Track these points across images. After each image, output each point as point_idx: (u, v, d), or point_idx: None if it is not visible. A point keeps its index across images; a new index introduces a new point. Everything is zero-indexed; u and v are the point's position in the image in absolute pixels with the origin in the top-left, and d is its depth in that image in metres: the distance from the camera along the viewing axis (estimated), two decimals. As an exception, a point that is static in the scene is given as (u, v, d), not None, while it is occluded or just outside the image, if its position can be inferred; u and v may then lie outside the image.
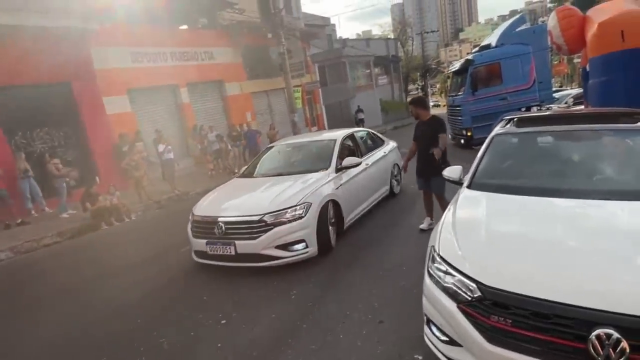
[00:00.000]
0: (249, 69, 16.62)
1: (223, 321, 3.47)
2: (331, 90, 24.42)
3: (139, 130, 11.29)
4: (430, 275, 2.25)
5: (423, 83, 38.03)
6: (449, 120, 12.23)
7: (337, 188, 4.95)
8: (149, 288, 4.50)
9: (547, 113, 4.11)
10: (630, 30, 5.68)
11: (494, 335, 1.85)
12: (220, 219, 4.37)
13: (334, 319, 3.23)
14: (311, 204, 4.41)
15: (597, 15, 6.35)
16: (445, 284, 2.10)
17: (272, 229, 4.18)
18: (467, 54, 15.33)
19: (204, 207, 4.84)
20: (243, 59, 16.29)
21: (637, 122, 3.03)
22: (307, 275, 4.17)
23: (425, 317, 2.33)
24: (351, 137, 6.23)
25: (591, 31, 6.24)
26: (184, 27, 15.31)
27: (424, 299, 2.31)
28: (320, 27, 27.43)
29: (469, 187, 3.00)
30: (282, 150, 6.32)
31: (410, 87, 41.65)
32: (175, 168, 10.66)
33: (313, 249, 4.40)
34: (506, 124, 3.72)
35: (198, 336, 3.28)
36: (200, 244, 4.47)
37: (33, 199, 8.65)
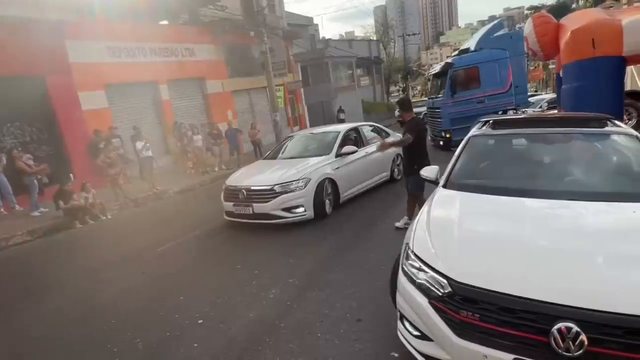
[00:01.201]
0: (230, 67, 16.44)
1: (200, 321, 3.42)
2: (313, 90, 24.42)
3: (115, 126, 10.99)
4: (405, 272, 2.29)
5: (404, 85, 38.49)
6: (428, 122, 12.42)
7: (335, 169, 6.25)
8: (123, 288, 4.39)
9: (521, 116, 4.26)
10: (600, 38, 5.91)
11: (463, 330, 1.91)
12: (243, 188, 5.91)
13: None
14: (310, 179, 5.80)
15: (571, 23, 6.58)
16: (418, 280, 2.15)
17: (279, 195, 5.60)
18: (447, 57, 15.61)
19: (233, 179, 6.41)
20: (225, 57, 16.10)
21: (604, 127, 3.17)
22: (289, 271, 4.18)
23: (398, 313, 2.37)
24: (356, 129, 7.52)
25: (564, 38, 6.46)
26: (164, 22, 15.02)
27: (397, 295, 2.35)
28: (303, 26, 27.43)
29: (444, 186, 3.07)
30: (297, 139, 7.77)
31: (392, 89, 42.08)
32: (154, 166, 10.45)
33: (310, 213, 5.75)
34: (482, 126, 3.81)
35: (174, 336, 3.23)
36: (229, 205, 6.04)
37: (3, 196, 8.31)
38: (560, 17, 7.52)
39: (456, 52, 13.43)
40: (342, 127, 7.43)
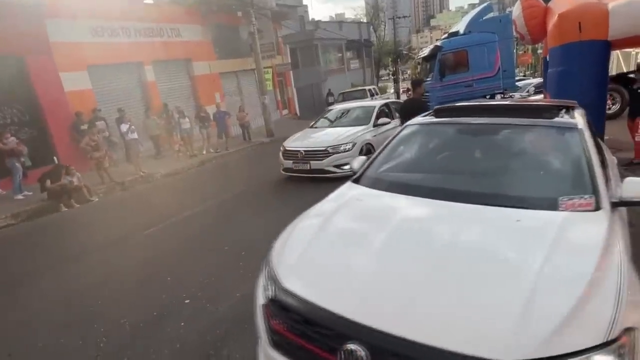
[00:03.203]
0: (218, 48, 16.12)
1: (187, 300, 3.46)
2: (303, 73, 24.17)
3: (99, 108, 10.78)
4: (265, 265, 2.16)
5: (394, 68, 38.24)
6: (417, 106, 12.44)
7: (373, 137, 7.51)
8: (109, 271, 4.39)
9: (468, 104, 3.80)
10: (587, 22, 5.92)
11: (274, 338, 1.77)
12: (301, 148, 7.30)
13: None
14: (355, 143, 7.15)
15: (558, 6, 6.57)
16: (263, 278, 2.03)
17: (331, 155, 7.00)
18: (437, 40, 15.54)
19: (291, 143, 7.73)
20: (212, 38, 15.77)
21: (553, 118, 2.68)
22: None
23: None
24: (386, 105, 8.85)
25: (552, 22, 6.46)
26: (149, 1, 14.59)
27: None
28: (292, 7, 26.90)
29: (354, 180, 2.83)
30: (338, 112, 9.14)
31: (382, 72, 41.84)
32: (140, 149, 10.32)
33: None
34: (431, 114, 3.44)
35: (161, 315, 3.27)
36: (288, 163, 7.43)
37: (-16, 180, 8.16)
38: (549, 0, 7.52)
39: (446, 35, 13.39)
40: (376, 103, 8.91)
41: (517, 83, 14.25)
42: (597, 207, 1.97)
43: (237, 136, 14.46)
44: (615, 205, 2.04)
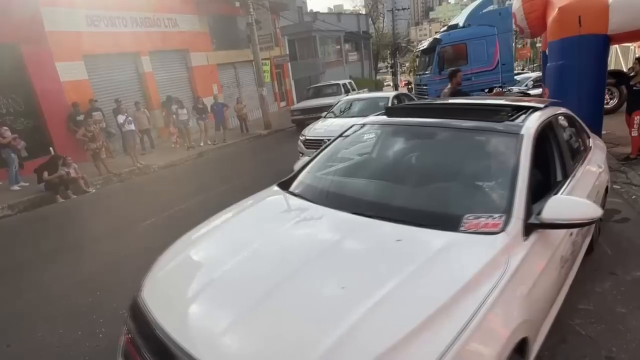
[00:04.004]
0: (215, 39, 15.98)
1: (186, 292, 3.47)
2: (301, 65, 24.04)
3: (95, 99, 10.68)
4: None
5: (392, 61, 38.08)
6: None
7: None
8: (107, 262, 4.39)
9: (421, 103, 3.70)
10: (587, 16, 5.91)
11: (125, 350, 1.71)
12: (323, 137, 6.96)
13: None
14: None
15: (558, 0, 6.55)
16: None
17: None
18: (436, 32, 15.48)
19: (311, 132, 7.86)
20: (209, 29, 15.62)
21: (503, 121, 2.33)
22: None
23: None
24: (399, 95, 9.41)
25: (552, 15, 6.44)
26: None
27: None
28: (291, -2, 26.61)
29: (279, 184, 2.70)
30: (353, 102, 9.19)
31: (380, 65, 41.66)
32: (137, 140, 10.26)
33: None
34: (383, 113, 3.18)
35: (160, 307, 3.27)
36: (310, 152, 7.43)
37: (-21, 170, 8.09)
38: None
39: (445, 28, 13.33)
40: (390, 94, 9.53)
41: (515, 77, 14.24)
42: (502, 230, 1.73)
43: (235, 128, 14.40)
44: (532, 227, 1.80)
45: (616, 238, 3.69)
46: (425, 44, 13.12)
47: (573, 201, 1.97)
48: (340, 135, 3.01)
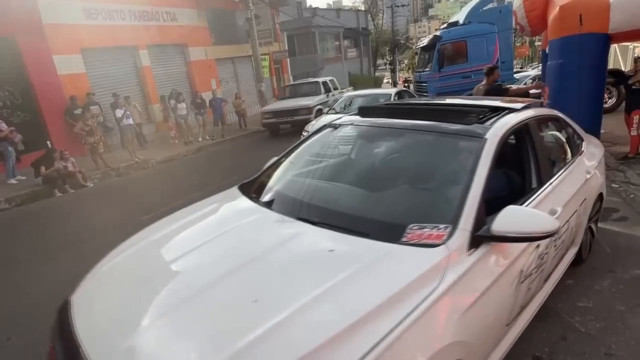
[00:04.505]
0: (214, 33, 15.87)
1: (186, 287, 3.47)
2: (300, 61, 23.95)
3: (93, 92, 10.61)
4: None
5: (391, 58, 37.99)
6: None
7: None
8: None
9: (394, 103, 3.67)
10: (588, 15, 5.91)
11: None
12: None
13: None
14: None
15: (559, -2, 6.55)
16: None
17: None
18: (435, 30, 15.45)
19: (314, 129, 7.72)
20: (208, 23, 15.51)
21: (473, 123, 2.18)
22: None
23: None
24: (400, 92, 9.66)
25: (553, 14, 6.44)
26: (144, -17, 14.27)
27: None
28: (290, -7, 26.47)
29: (240, 186, 2.63)
30: (354, 98, 9.28)
31: (379, 62, 41.56)
32: (135, 134, 10.21)
33: None
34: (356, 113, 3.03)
35: (160, 302, 3.27)
36: None
37: (-24, 164, 8.03)
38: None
39: (445, 25, 13.31)
40: (392, 90, 9.89)
41: (514, 75, 14.24)
42: (444, 242, 1.61)
43: (233, 123, 14.35)
44: (480, 240, 1.68)
45: (615, 236, 3.71)
46: (425, 41, 13.11)
47: (528, 213, 1.81)
48: (312, 135, 2.91)
